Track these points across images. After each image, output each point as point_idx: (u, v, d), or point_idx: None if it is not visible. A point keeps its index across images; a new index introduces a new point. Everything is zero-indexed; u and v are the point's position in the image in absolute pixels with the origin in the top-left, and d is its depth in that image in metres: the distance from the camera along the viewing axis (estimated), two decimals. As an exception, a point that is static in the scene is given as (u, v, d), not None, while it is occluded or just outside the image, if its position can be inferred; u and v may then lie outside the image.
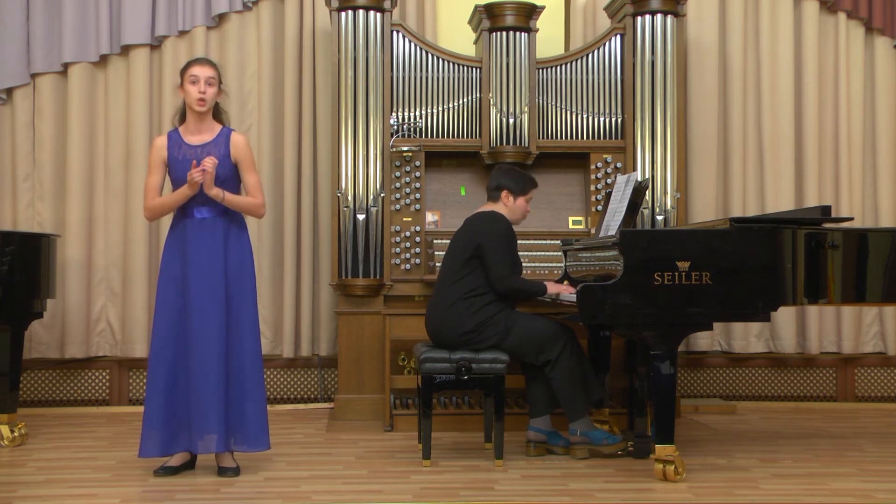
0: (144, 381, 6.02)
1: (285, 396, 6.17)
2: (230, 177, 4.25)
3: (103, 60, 6.10)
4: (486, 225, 4.60)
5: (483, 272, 4.56)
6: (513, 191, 4.70)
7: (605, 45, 5.81)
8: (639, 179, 4.86)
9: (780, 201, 6.19)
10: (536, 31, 5.71)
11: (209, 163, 4.11)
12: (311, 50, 6.10)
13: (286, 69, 6.09)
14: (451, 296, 4.57)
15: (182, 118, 4.31)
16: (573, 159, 5.87)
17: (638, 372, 4.57)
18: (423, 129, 5.70)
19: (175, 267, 4.21)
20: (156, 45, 6.10)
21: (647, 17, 5.71)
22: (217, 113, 4.33)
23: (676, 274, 4.03)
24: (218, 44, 6.13)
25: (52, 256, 5.16)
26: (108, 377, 6.09)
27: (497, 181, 4.74)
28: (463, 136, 5.73)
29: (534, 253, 5.58)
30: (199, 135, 4.25)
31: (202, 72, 4.21)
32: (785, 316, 6.16)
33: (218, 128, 4.29)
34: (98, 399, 6.08)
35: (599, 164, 5.78)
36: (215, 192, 4.16)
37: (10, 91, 6.04)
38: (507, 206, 4.71)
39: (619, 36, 5.81)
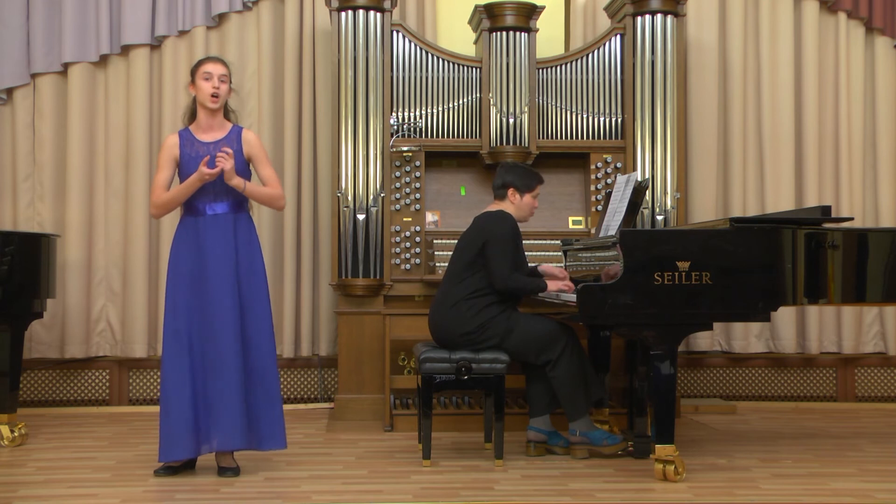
0: (144, 381, 6.05)
1: (285, 396, 6.17)
2: (243, 171, 4.25)
3: (103, 60, 6.10)
4: (493, 224, 4.59)
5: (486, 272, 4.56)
6: (519, 188, 4.69)
7: (605, 45, 5.81)
8: (639, 179, 4.86)
9: (780, 201, 6.19)
10: (536, 31, 5.71)
11: (224, 157, 4.09)
12: (311, 50, 6.10)
13: (286, 69, 6.09)
14: (455, 295, 4.57)
15: (192, 117, 4.32)
16: (573, 159, 5.87)
17: (638, 372, 4.57)
18: (423, 129, 5.70)
19: (188, 266, 4.19)
20: (156, 45, 6.10)
21: (647, 17, 5.71)
22: (226, 111, 4.34)
23: (676, 274, 4.03)
24: (218, 44, 6.13)
25: (52, 256, 5.16)
26: (108, 377, 6.09)
27: (503, 178, 4.72)
28: (463, 136, 5.73)
29: (534, 253, 5.57)
30: (211, 132, 4.26)
31: (215, 69, 4.23)
32: (785, 316, 6.15)
33: (228, 126, 4.31)
34: (98, 399, 6.08)
35: (599, 164, 5.78)
36: (236, 181, 4.15)
37: (10, 91, 6.04)
38: (514, 203, 4.70)
39: (619, 36, 5.81)
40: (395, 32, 5.71)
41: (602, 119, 5.78)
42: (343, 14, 5.61)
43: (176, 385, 4.14)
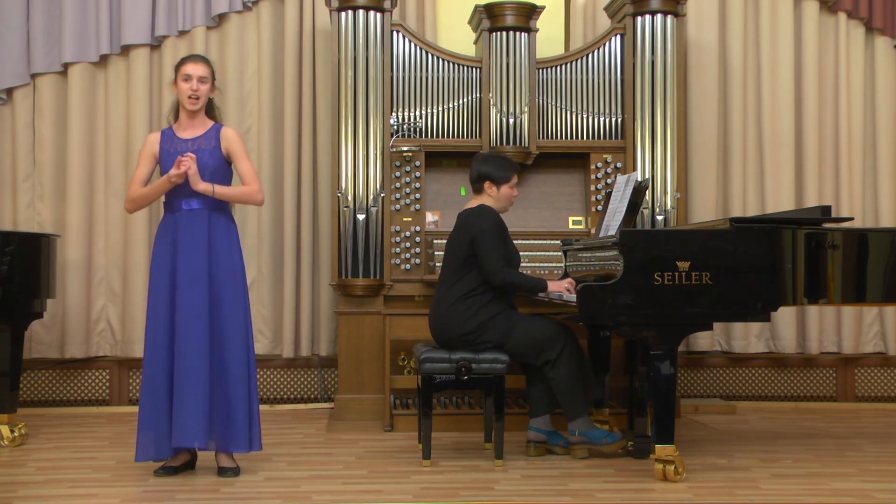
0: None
1: (285, 396, 6.17)
2: (221, 167, 4.24)
3: (103, 60, 6.10)
4: (476, 220, 4.58)
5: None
6: (495, 180, 4.66)
7: (605, 45, 5.81)
8: (639, 179, 4.86)
9: (780, 201, 6.19)
10: (536, 31, 5.71)
11: (187, 161, 4.09)
12: (311, 50, 6.11)
13: (286, 69, 6.09)
14: (451, 296, 4.57)
15: (176, 114, 4.33)
16: (573, 159, 5.87)
17: (638, 372, 4.57)
18: (423, 129, 5.70)
19: (165, 263, 4.20)
20: (156, 45, 6.10)
21: (647, 17, 5.71)
22: (210, 109, 4.34)
23: (676, 274, 4.03)
24: (218, 44, 6.13)
25: (52, 256, 5.16)
26: (108, 377, 6.09)
27: (477, 171, 4.69)
28: (463, 136, 5.73)
29: (534, 253, 5.58)
30: (191, 129, 4.27)
31: (195, 70, 4.22)
32: (785, 316, 6.15)
33: (210, 123, 4.31)
34: (98, 399, 6.08)
35: (599, 164, 5.78)
36: (203, 186, 4.14)
37: (10, 91, 6.04)
38: (492, 196, 4.68)
39: (619, 36, 5.81)
40: (395, 32, 5.71)
41: (602, 119, 5.78)
42: (343, 14, 5.61)
43: (151, 388, 4.14)
